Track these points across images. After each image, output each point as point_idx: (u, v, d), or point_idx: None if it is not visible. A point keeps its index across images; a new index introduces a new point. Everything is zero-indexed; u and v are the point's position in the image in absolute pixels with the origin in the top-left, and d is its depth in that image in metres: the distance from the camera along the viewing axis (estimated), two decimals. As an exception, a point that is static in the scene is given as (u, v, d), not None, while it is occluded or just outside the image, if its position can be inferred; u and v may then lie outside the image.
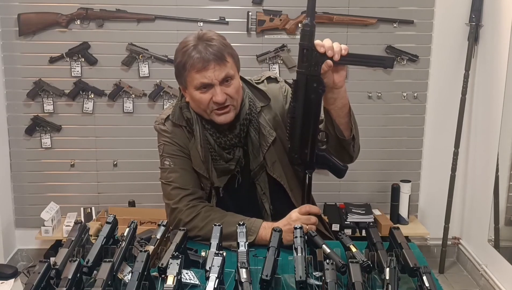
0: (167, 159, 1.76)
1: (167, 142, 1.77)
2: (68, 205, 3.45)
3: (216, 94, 1.62)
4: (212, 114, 1.66)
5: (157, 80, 3.37)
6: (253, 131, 1.72)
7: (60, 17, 3.25)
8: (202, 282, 1.38)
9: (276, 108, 1.77)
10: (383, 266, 1.34)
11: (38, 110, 3.37)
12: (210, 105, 1.64)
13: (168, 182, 1.76)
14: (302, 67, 1.52)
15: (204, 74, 1.60)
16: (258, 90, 1.77)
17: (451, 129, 3.41)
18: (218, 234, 1.49)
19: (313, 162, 1.63)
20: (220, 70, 1.61)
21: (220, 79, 1.62)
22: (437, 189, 3.57)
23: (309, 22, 1.49)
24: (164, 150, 1.77)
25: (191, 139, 1.74)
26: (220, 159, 1.73)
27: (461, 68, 3.34)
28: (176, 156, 1.75)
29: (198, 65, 1.60)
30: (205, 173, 1.74)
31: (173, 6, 3.28)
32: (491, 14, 3.20)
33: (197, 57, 1.59)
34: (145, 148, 3.41)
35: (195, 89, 1.64)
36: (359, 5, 3.33)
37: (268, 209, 1.78)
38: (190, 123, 1.73)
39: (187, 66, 1.61)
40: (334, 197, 3.53)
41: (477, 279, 3.39)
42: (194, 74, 1.61)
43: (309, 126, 1.57)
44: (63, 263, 1.33)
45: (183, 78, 1.66)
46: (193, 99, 1.68)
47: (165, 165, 1.77)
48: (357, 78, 3.41)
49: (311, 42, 1.49)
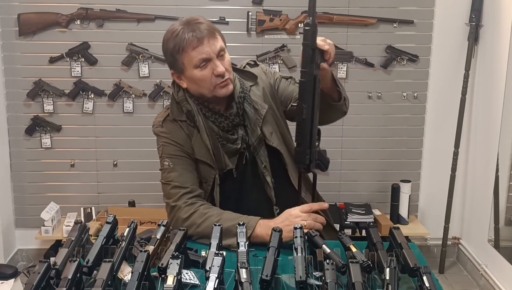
0: (166, 159, 1.79)
1: (166, 143, 1.79)
2: (68, 205, 3.45)
3: (217, 66, 1.68)
4: (216, 89, 1.71)
5: (157, 80, 3.37)
6: (248, 106, 1.78)
7: (60, 17, 3.25)
8: (202, 282, 1.38)
9: (263, 85, 1.86)
10: (383, 266, 1.34)
11: (38, 110, 3.37)
12: (212, 81, 1.69)
13: (168, 182, 1.78)
14: (310, 67, 1.51)
15: (201, 49, 1.66)
16: (243, 72, 1.87)
17: (451, 129, 3.42)
18: (218, 234, 1.49)
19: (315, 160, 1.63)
20: (214, 44, 1.68)
21: (217, 52, 1.68)
22: (437, 189, 3.58)
23: (310, 21, 1.49)
24: (164, 151, 1.80)
25: (193, 133, 1.77)
26: (227, 142, 1.78)
27: (461, 68, 3.34)
28: (175, 156, 1.78)
29: (193, 42, 1.65)
30: (211, 162, 1.77)
31: (173, 6, 3.28)
32: (491, 14, 3.20)
33: (191, 35, 1.65)
34: (145, 148, 3.41)
35: (194, 68, 1.68)
36: (359, 5, 3.32)
37: (270, 182, 1.81)
38: (191, 115, 1.76)
39: (183, 47, 1.66)
40: (334, 197, 3.53)
41: (477, 279, 3.39)
42: (192, 52, 1.66)
43: (316, 125, 1.59)
44: (63, 263, 1.33)
45: (179, 62, 1.70)
46: (193, 80, 1.72)
47: (165, 166, 1.80)
48: (357, 78, 3.41)
49: (315, 41, 1.50)
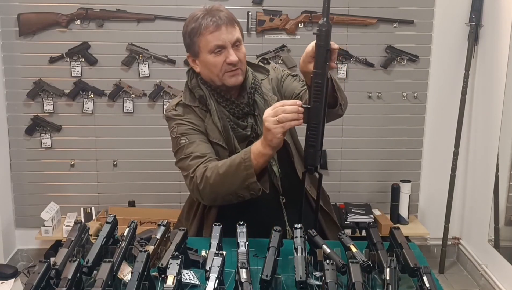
0: (181, 138, 1.78)
1: (179, 123, 1.80)
2: (68, 205, 3.45)
3: (230, 55, 1.72)
4: (225, 76, 1.74)
5: (157, 80, 3.37)
6: (258, 97, 1.82)
7: (60, 17, 3.25)
8: (202, 282, 1.38)
9: (273, 81, 1.91)
10: (383, 266, 1.34)
11: (38, 110, 3.37)
12: (223, 68, 1.73)
13: (187, 155, 1.75)
14: (324, 68, 1.50)
15: (218, 36, 1.70)
16: (257, 66, 1.92)
17: (451, 129, 3.42)
18: (218, 234, 1.49)
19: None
20: (232, 32, 1.72)
21: (233, 41, 1.72)
22: (437, 189, 3.58)
23: (325, 22, 1.48)
24: (178, 131, 1.79)
25: (206, 116, 1.80)
26: (238, 127, 1.80)
27: (461, 68, 3.34)
28: (190, 133, 1.78)
29: (211, 27, 1.70)
30: (224, 143, 1.78)
31: (173, 6, 3.28)
32: (491, 14, 3.20)
33: (210, 20, 1.70)
34: (145, 148, 3.41)
35: (209, 52, 1.72)
36: (359, 5, 3.33)
37: (277, 172, 1.82)
38: (204, 99, 1.79)
39: (201, 30, 1.71)
40: (334, 197, 3.52)
41: (477, 279, 3.39)
42: (208, 37, 1.71)
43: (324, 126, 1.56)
44: (63, 263, 1.33)
45: (196, 45, 1.74)
46: (206, 64, 1.75)
47: (181, 144, 1.77)
48: (357, 78, 3.41)
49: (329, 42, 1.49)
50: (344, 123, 3.39)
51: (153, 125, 3.40)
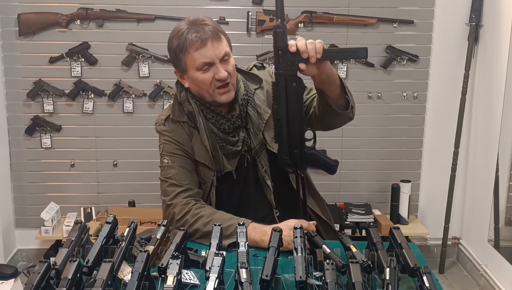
0: (165, 157, 1.79)
1: (167, 141, 1.80)
2: (68, 205, 3.45)
3: (219, 71, 1.66)
4: (215, 94, 1.70)
5: (157, 80, 3.37)
6: (251, 110, 1.77)
7: (60, 17, 3.25)
8: (202, 282, 1.38)
9: (267, 88, 1.82)
10: (383, 266, 1.34)
11: (38, 110, 3.37)
12: (212, 84, 1.68)
13: (166, 179, 1.79)
14: (280, 68, 1.52)
15: (205, 52, 1.64)
16: (249, 74, 1.84)
17: (451, 129, 3.42)
18: (218, 234, 1.49)
19: (303, 162, 1.63)
20: (219, 47, 1.65)
21: (220, 56, 1.66)
22: (437, 189, 3.58)
23: (280, 24, 1.50)
24: (164, 149, 1.81)
25: (194, 134, 1.77)
26: (227, 144, 1.77)
27: (461, 68, 3.34)
28: (174, 155, 1.78)
29: (196, 44, 1.63)
30: (210, 164, 1.76)
31: (173, 6, 3.28)
32: (491, 14, 3.20)
33: (195, 36, 1.63)
34: (145, 148, 3.41)
35: (196, 70, 1.67)
36: (359, 5, 3.32)
37: (270, 186, 1.80)
38: (192, 116, 1.75)
39: (186, 47, 1.65)
40: (334, 197, 3.53)
41: (477, 279, 3.39)
42: (194, 54, 1.65)
43: (295, 126, 1.57)
44: (63, 263, 1.33)
45: (182, 62, 1.69)
46: (194, 82, 1.71)
47: (164, 163, 1.80)
48: (357, 78, 3.41)
49: (284, 43, 1.50)
50: (344, 123, 3.38)
51: (153, 125, 3.38)
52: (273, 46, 1.52)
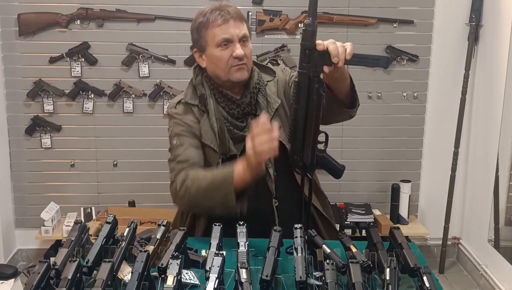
0: (174, 138, 1.81)
1: (176, 123, 1.82)
2: (68, 205, 3.45)
3: (236, 49, 1.72)
4: (231, 71, 1.74)
5: (157, 80, 3.37)
6: (261, 98, 1.81)
7: (60, 17, 3.25)
8: (202, 282, 1.38)
9: (280, 83, 1.89)
10: (383, 266, 1.34)
11: (38, 110, 3.37)
12: (229, 62, 1.73)
13: (174, 158, 1.79)
14: (304, 68, 1.50)
15: (226, 29, 1.71)
16: (264, 67, 1.90)
17: (451, 129, 3.41)
18: (218, 234, 1.49)
19: (313, 164, 1.62)
20: (240, 28, 1.73)
21: (240, 36, 1.73)
22: (437, 189, 3.57)
23: (311, 22, 1.47)
24: (173, 131, 1.82)
25: (202, 117, 1.80)
26: (235, 128, 1.80)
27: (461, 68, 3.34)
28: (183, 135, 1.80)
29: (219, 20, 1.71)
30: (215, 146, 1.79)
31: (173, 6, 3.27)
32: (491, 14, 3.20)
33: (218, 14, 1.72)
34: (145, 148, 3.41)
35: (216, 46, 1.73)
36: (359, 5, 3.33)
37: (272, 175, 1.82)
38: (204, 99, 1.79)
39: (208, 24, 1.73)
40: (334, 197, 3.52)
41: (477, 279, 3.39)
42: (216, 30, 1.72)
43: (311, 128, 1.56)
44: (63, 263, 1.33)
45: (203, 39, 1.75)
46: (212, 59, 1.76)
47: (173, 145, 1.81)
48: (357, 78, 3.33)
49: (313, 42, 1.48)
50: (344, 123, 3.32)
51: (153, 125, 3.40)
52: (300, 44, 1.50)
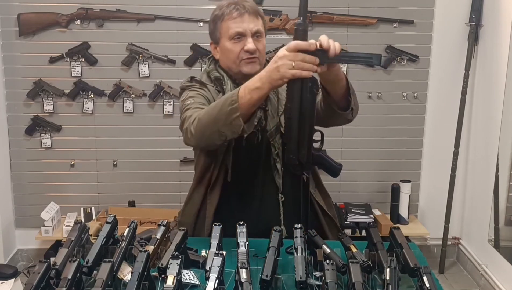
0: (188, 100, 1.76)
1: (192, 90, 1.79)
2: (68, 205, 3.45)
3: (248, 43, 1.74)
4: (241, 64, 1.76)
5: (157, 80, 3.37)
6: (272, 93, 1.81)
7: (60, 17, 3.25)
8: (202, 282, 1.38)
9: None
10: (383, 266, 1.34)
11: (38, 110, 3.37)
12: (240, 55, 1.75)
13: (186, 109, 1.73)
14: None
15: (240, 23, 1.74)
16: None
17: (451, 129, 3.42)
18: (218, 234, 1.49)
19: (310, 163, 1.62)
20: (254, 23, 1.75)
21: (253, 31, 1.75)
22: (437, 189, 3.57)
23: (302, 22, 1.49)
24: (188, 95, 1.78)
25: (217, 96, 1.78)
26: None
27: (461, 68, 3.34)
28: (197, 96, 1.77)
29: (234, 14, 1.74)
30: None
31: (173, 6, 3.28)
32: (491, 14, 3.20)
33: (234, 7, 1.75)
34: (145, 148, 3.41)
35: (228, 38, 1.75)
36: (359, 5, 3.33)
37: (280, 170, 1.82)
38: (220, 81, 1.80)
39: (224, 16, 1.75)
40: (334, 197, 3.49)
41: (477, 279, 3.39)
42: (230, 23, 1.74)
43: (306, 126, 1.56)
44: (63, 263, 1.33)
45: (218, 30, 1.78)
46: (224, 51, 1.78)
47: (187, 105, 1.74)
48: (357, 78, 3.40)
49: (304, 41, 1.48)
50: (344, 123, 3.38)
51: (153, 125, 3.40)
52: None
